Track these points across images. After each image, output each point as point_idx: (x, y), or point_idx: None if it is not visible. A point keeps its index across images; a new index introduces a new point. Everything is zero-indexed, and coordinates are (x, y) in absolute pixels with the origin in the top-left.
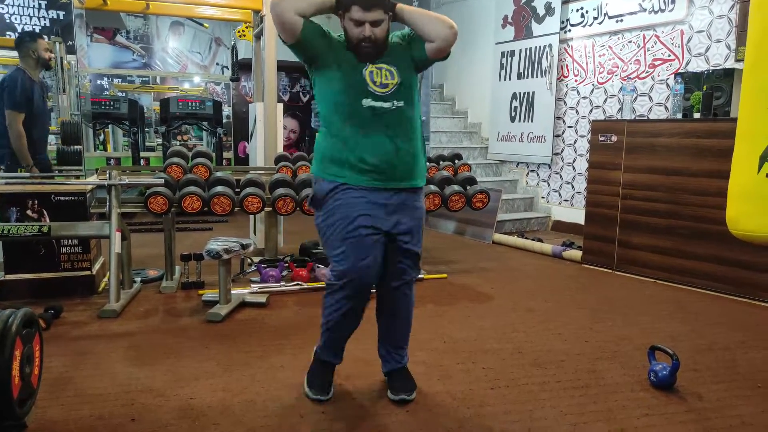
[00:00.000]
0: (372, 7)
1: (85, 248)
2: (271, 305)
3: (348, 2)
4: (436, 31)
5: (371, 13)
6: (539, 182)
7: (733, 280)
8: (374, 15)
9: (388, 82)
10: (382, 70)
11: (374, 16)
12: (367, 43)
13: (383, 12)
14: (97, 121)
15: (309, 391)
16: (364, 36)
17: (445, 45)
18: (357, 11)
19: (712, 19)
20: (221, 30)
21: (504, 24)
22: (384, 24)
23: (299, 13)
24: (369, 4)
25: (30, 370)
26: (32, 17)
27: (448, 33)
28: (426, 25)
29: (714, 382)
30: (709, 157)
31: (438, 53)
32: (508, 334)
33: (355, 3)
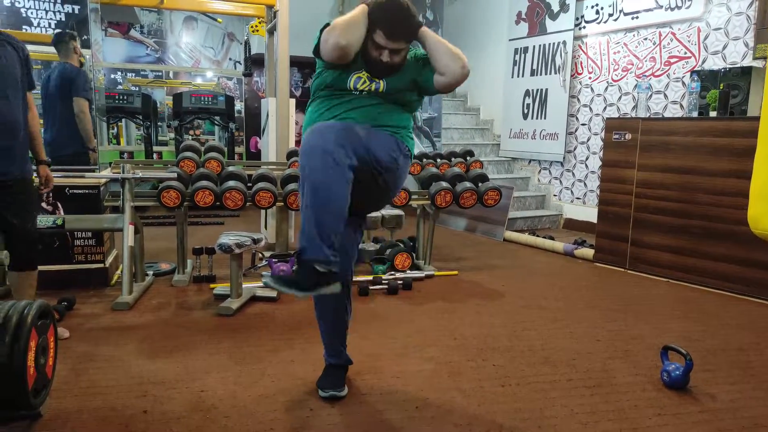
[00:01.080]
0: (396, 38)
1: (99, 241)
2: (281, 300)
3: (375, 24)
4: (449, 66)
5: (394, 43)
6: (551, 180)
7: (747, 280)
8: (396, 45)
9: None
10: (372, 83)
11: (396, 45)
12: (382, 67)
13: (405, 43)
14: (111, 115)
15: (320, 391)
16: (382, 61)
17: (452, 81)
18: (381, 37)
19: (730, 16)
20: (234, 25)
21: (518, 20)
22: (403, 52)
23: (358, 46)
24: (394, 35)
25: (45, 361)
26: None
27: (458, 72)
28: (441, 57)
29: (728, 383)
30: (726, 156)
31: (444, 88)
32: (519, 332)
33: (382, 29)
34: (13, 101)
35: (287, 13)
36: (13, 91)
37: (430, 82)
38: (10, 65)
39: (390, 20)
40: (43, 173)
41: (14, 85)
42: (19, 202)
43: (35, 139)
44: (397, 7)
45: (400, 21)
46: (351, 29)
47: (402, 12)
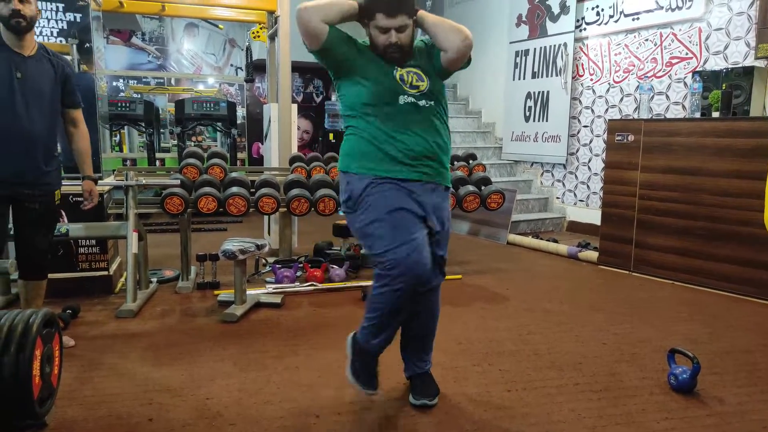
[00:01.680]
0: (396, 13)
1: (103, 248)
2: (285, 306)
3: (372, 10)
4: (450, 40)
5: (396, 19)
6: (554, 182)
7: (753, 281)
8: (399, 21)
9: (419, 83)
10: (410, 74)
11: (399, 22)
12: (394, 48)
13: (407, 17)
14: (113, 123)
15: (356, 383)
16: (391, 42)
17: (457, 56)
18: (382, 18)
19: (731, 16)
20: (236, 31)
21: (518, 23)
22: (408, 29)
23: (325, 20)
24: (393, 11)
25: (50, 370)
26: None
27: (460, 44)
28: (441, 34)
29: (735, 386)
30: (729, 156)
31: (451, 64)
32: (525, 335)
33: (380, 10)
34: (34, 114)
35: (288, 19)
36: (36, 104)
37: (439, 62)
38: (39, 80)
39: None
40: (87, 188)
41: (39, 99)
42: (33, 212)
43: (83, 155)
44: None
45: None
46: (324, 7)
47: None
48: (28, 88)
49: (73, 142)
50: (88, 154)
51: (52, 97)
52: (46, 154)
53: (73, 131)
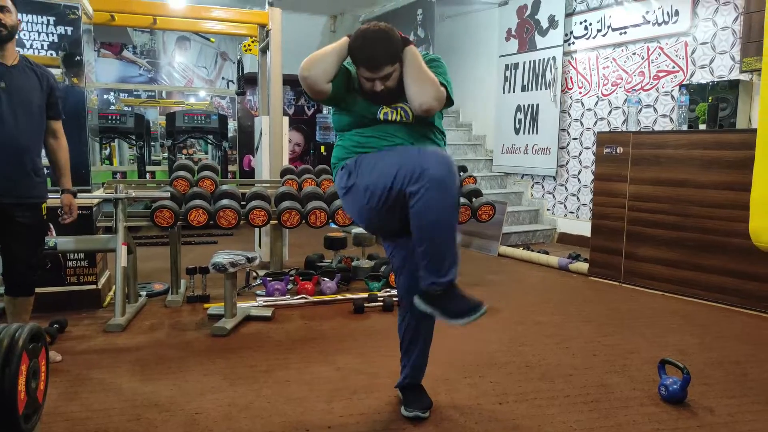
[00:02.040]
0: (378, 67)
1: (91, 262)
2: (276, 319)
3: (356, 62)
4: (421, 97)
5: (379, 72)
6: (544, 194)
7: (742, 292)
8: (382, 72)
9: (404, 119)
10: (397, 110)
11: (382, 73)
12: (380, 96)
13: (391, 66)
14: (104, 136)
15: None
16: (375, 91)
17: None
18: (364, 71)
19: (716, 30)
20: (227, 44)
21: (508, 37)
22: (395, 74)
23: (328, 80)
24: (374, 66)
25: (36, 385)
26: (41, 33)
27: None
28: (409, 86)
29: (725, 397)
30: (716, 168)
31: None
32: (516, 347)
33: (361, 65)
34: (21, 124)
35: (280, 33)
36: (23, 115)
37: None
38: (26, 91)
39: (365, 54)
40: (67, 202)
41: (26, 111)
42: (21, 226)
43: (62, 168)
44: (368, 38)
45: (373, 52)
46: (316, 61)
47: (373, 41)
48: (14, 98)
49: (52, 154)
50: (67, 167)
51: (39, 107)
52: (35, 166)
53: (53, 143)
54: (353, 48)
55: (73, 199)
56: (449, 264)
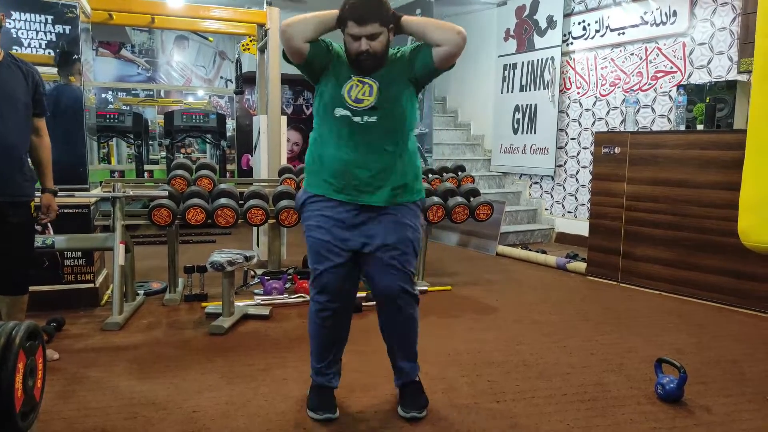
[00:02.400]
0: (366, 21)
1: (89, 260)
2: (274, 317)
3: (343, 18)
4: (445, 36)
5: (366, 27)
6: (542, 194)
7: (739, 292)
8: (370, 29)
9: (364, 98)
10: (364, 85)
11: (370, 30)
12: (366, 56)
13: (380, 25)
14: (102, 134)
15: (313, 414)
16: (361, 50)
17: (455, 50)
18: (353, 26)
19: (714, 31)
20: (225, 44)
21: (506, 37)
22: (382, 37)
23: (306, 39)
24: (363, 19)
25: (33, 383)
26: (39, 32)
27: (457, 38)
28: (434, 32)
29: (722, 395)
30: (713, 168)
31: (446, 60)
32: (513, 346)
33: (350, 18)
34: (9, 123)
35: (278, 32)
36: (10, 113)
37: (429, 59)
38: (12, 88)
39: (355, 7)
40: (46, 202)
41: (13, 107)
42: (11, 226)
43: (44, 166)
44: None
45: (365, 5)
46: (299, 19)
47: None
48: (1, 95)
49: (34, 151)
50: (49, 165)
51: (25, 105)
52: (24, 164)
53: (35, 141)
54: (344, 6)
55: (52, 199)
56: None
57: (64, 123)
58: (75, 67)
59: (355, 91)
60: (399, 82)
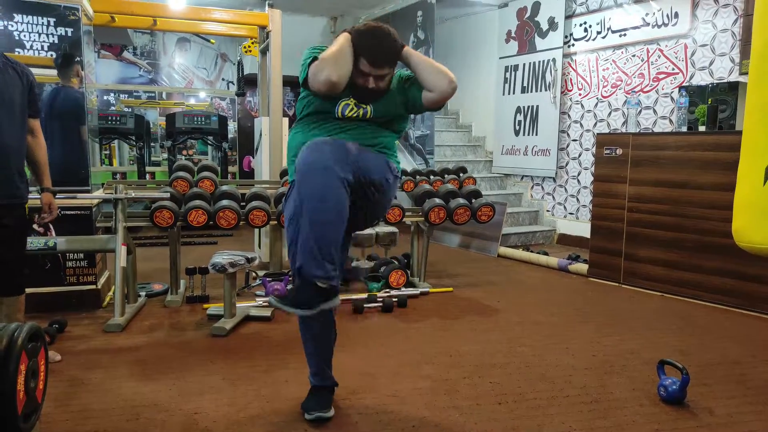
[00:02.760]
0: (382, 66)
1: (91, 262)
2: (276, 319)
3: (357, 52)
4: (437, 82)
5: (378, 69)
6: (544, 195)
7: (742, 293)
8: (380, 71)
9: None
10: (359, 108)
11: (381, 72)
12: (368, 92)
13: (389, 68)
14: (104, 136)
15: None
16: (368, 87)
17: (441, 98)
18: (365, 65)
19: (716, 33)
20: (227, 46)
21: (508, 39)
22: (388, 77)
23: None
24: (378, 62)
25: (35, 385)
26: (41, 34)
27: (447, 88)
28: (428, 75)
29: (725, 397)
30: (715, 169)
31: (433, 104)
32: (515, 348)
33: (365, 57)
34: (5, 126)
35: (280, 34)
36: (7, 115)
37: (419, 100)
38: (9, 90)
39: (373, 48)
40: (47, 201)
41: (10, 110)
42: (7, 228)
43: (41, 166)
44: (380, 34)
45: (383, 48)
46: (340, 63)
47: (384, 39)
48: (3, 98)
49: (31, 152)
50: (46, 165)
51: (21, 106)
52: (19, 167)
53: (31, 141)
54: (363, 41)
55: (52, 198)
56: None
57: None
58: (75, 69)
59: (349, 111)
60: (393, 108)
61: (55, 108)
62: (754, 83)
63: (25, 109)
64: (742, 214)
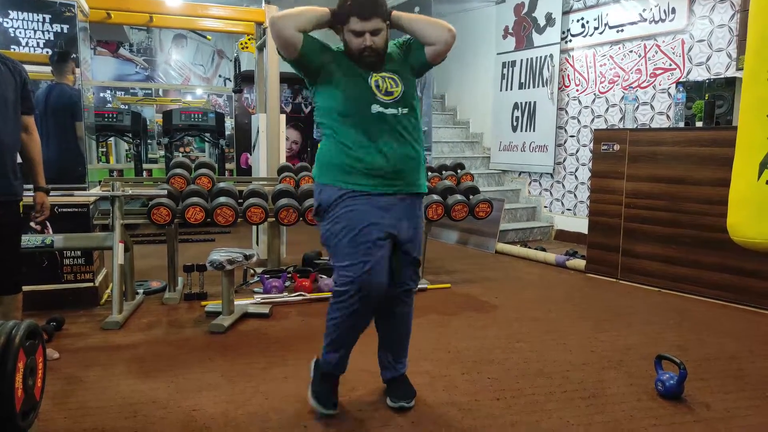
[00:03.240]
0: (370, 16)
1: (88, 260)
2: (274, 316)
3: (345, 14)
4: (436, 34)
5: (370, 22)
6: (541, 192)
7: (739, 288)
8: (373, 24)
9: (394, 90)
10: (386, 79)
11: (373, 25)
12: (369, 52)
13: (381, 20)
14: (101, 134)
15: (317, 405)
16: (365, 46)
17: (445, 48)
18: (356, 22)
19: (713, 28)
20: (224, 42)
21: (505, 35)
22: (383, 33)
23: (299, 29)
24: (367, 14)
25: (33, 382)
26: (36, 31)
27: (447, 36)
28: (425, 29)
29: (722, 392)
30: (712, 165)
31: (438, 56)
32: (513, 343)
33: (353, 14)
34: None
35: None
36: (1, 112)
37: (422, 56)
38: (1, 86)
39: (359, 1)
40: (40, 200)
41: (3, 107)
42: (2, 227)
43: (35, 163)
44: None
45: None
46: (291, 11)
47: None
48: None
49: (25, 149)
50: (40, 162)
51: (15, 104)
52: (14, 165)
53: (25, 138)
54: (345, 2)
55: (46, 198)
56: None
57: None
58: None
59: (383, 84)
60: (407, 75)
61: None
62: (749, 80)
63: (18, 106)
64: (738, 210)
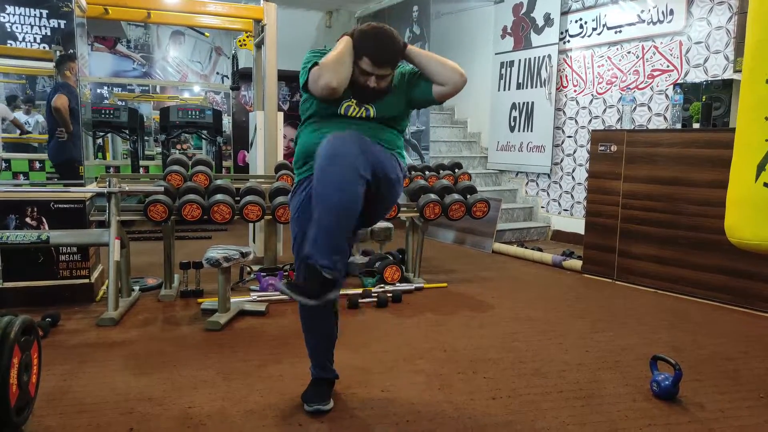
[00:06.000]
0: (384, 65)
1: (84, 256)
2: (270, 314)
3: (360, 52)
4: (448, 76)
5: (381, 69)
6: (539, 192)
7: (735, 290)
8: (382, 71)
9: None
10: (361, 108)
11: (382, 71)
12: (369, 91)
13: (391, 69)
14: (97, 130)
15: (306, 406)
16: (369, 86)
17: (453, 91)
18: (368, 64)
19: (711, 30)
20: (222, 39)
21: (503, 35)
22: (389, 77)
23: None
24: (381, 62)
25: (28, 378)
26: (33, 26)
27: (459, 80)
28: (437, 69)
29: (717, 393)
30: (709, 166)
31: (444, 97)
32: (509, 343)
33: (367, 56)
34: None
35: (275, 28)
36: None
37: (429, 94)
38: None
39: (375, 48)
40: None
41: None
42: None
43: None
44: (382, 34)
45: (385, 48)
46: (340, 68)
47: (386, 38)
48: None
49: None
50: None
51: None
52: None
53: None
54: (365, 41)
55: None
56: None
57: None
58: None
59: (351, 112)
60: (395, 107)
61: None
62: (748, 81)
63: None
64: (735, 211)
